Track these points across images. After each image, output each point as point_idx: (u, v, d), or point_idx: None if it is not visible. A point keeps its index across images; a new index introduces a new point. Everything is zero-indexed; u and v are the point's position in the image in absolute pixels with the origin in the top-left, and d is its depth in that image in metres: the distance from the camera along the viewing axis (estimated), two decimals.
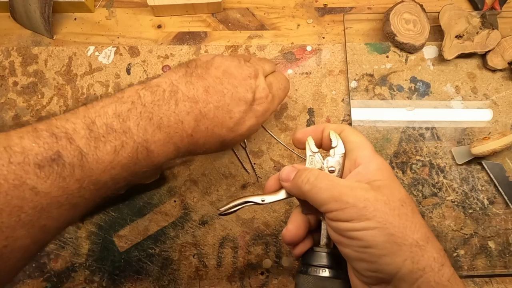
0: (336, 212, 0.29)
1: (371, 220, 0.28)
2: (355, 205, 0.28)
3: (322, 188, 0.30)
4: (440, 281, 0.26)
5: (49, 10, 0.54)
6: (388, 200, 0.29)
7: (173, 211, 0.50)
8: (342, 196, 0.29)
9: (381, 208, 0.28)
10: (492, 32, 0.54)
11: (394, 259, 0.27)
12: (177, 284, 0.48)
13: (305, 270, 0.32)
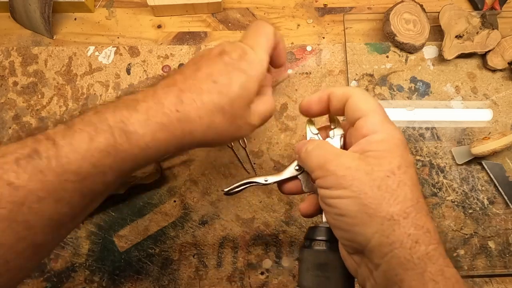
0: (320, 179, 0.30)
1: (347, 189, 0.28)
2: (335, 173, 0.29)
3: (313, 155, 0.32)
4: (410, 259, 0.26)
5: (49, 10, 0.54)
6: (372, 171, 0.28)
7: (173, 211, 0.50)
8: (326, 164, 0.30)
9: (360, 177, 0.28)
10: (492, 32, 0.54)
11: (365, 229, 0.27)
12: (177, 284, 0.48)
13: (307, 245, 0.33)
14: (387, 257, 0.26)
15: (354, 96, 0.32)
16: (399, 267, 0.26)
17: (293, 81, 0.55)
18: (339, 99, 0.33)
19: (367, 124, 0.31)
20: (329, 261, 0.32)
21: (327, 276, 0.31)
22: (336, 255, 0.32)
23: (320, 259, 0.32)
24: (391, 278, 0.26)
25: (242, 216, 0.50)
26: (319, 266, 0.32)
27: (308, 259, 0.33)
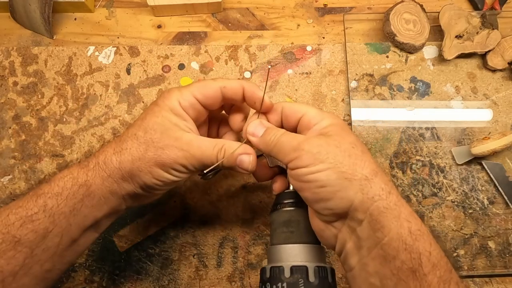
0: (295, 160, 0.33)
1: (324, 162, 0.32)
2: (310, 151, 0.32)
3: (284, 141, 0.35)
4: (388, 206, 0.30)
5: (49, 10, 0.54)
6: (339, 143, 0.33)
7: (173, 211, 0.50)
8: (299, 145, 0.33)
9: (332, 150, 0.32)
10: (492, 32, 0.54)
11: (347, 193, 0.31)
12: (177, 284, 0.48)
13: (275, 208, 0.38)
14: (369, 210, 0.30)
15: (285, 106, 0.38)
16: (380, 215, 0.30)
17: (293, 81, 0.55)
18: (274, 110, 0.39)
19: (310, 117, 0.36)
20: (291, 217, 0.36)
21: (291, 231, 0.36)
22: (297, 212, 0.36)
23: (284, 217, 0.37)
24: (374, 226, 0.30)
25: (242, 216, 0.50)
26: (283, 224, 0.37)
27: (275, 219, 0.38)
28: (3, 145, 0.52)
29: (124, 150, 0.36)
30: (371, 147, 0.52)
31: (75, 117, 0.53)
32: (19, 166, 0.51)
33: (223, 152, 0.37)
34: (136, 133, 0.36)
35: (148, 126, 0.36)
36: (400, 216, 0.30)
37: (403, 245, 0.29)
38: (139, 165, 0.35)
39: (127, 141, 0.36)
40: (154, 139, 0.36)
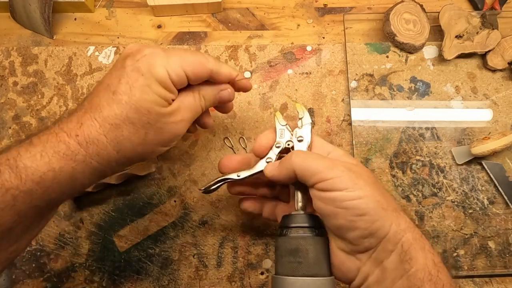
0: (330, 181, 0.31)
1: (363, 189, 0.31)
2: (349, 174, 0.31)
3: (314, 159, 0.33)
4: (416, 238, 0.31)
5: (49, 10, 0.54)
6: (368, 176, 0.33)
7: (173, 211, 0.50)
8: (335, 165, 0.32)
9: (366, 179, 0.32)
10: (492, 32, 0.54)
11: (384, 223, 0.30)
12: (177, 284, 0.48)
13: (285, 233, 0.34)
14: (401, 242, 0.30)
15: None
16: (410, 247, 0.30)
17: (293, 81, 0.55)
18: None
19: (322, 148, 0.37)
20: (300, 245, 0.33)
21: (299, 261, 0.32)
22: (307, 240, 0.33)
23: (292, 245, 0.33)
24: (403, 258, 0.30)
25: (242, 216, 0.50)
26: (290, 252, 0.33)
27: (281, 246, 0.34)
28: (3, 145, 0.52)
29: (122, 139, 0.32)
30: (371, 147, 0.52)
31: None
32: None
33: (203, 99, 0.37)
34: (129, 115, 0.32)
35: (140, 106, 0.32)
36: (425, 248, 0.31)
37: (428, 276, 0.30)
38: (141, 150, 0.33)
39: (121, 126, 0.32)
40: (150, 121, 0.33)
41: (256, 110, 0.54)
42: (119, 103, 0.31)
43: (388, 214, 0.31)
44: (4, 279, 0.47)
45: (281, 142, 0.38)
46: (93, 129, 0.31)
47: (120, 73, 0.32)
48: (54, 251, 0.49)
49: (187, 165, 0.52)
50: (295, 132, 0.38)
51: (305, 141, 0.37)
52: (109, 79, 0.33)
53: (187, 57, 0.34)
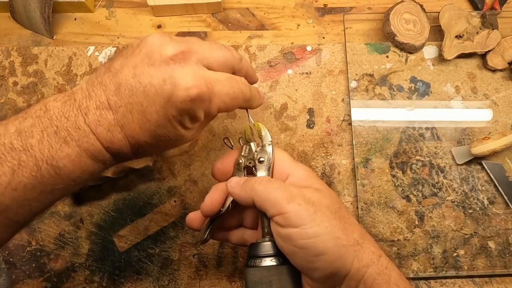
0: (287, 215, 0.29)
1: (320, 225, 0.28)
2: (307, 207, 0.29)
3: (274, 188, 0.30)
4: (380, 271, 0.29)
5: (49, 10, 0.54)
6: (330, 203, 0.30)
7: (173, 211, 0.50)
8: (294, 197, 0.29)
9: (326, 212, 0.29)
10: (492, 32, 0.54)
11: (344, 261, 0.28)
12: (177, 284, 0.48)
13: (250, 264, 0.32)
14: (364, 278, 0.29)
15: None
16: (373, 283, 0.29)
17: (293, 81, 0.55)
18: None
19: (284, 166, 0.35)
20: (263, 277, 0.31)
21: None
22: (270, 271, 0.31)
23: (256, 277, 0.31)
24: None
25: None
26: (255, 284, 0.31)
27: (246, 277, 0.32)
28: None
29: (141, 149, 0.31)
30: (371, 147, 0.52)
31: None
32: None
33: None
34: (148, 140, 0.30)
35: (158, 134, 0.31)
36: (391, 281, 0.29)
37: None
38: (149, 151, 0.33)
39: (144, 145, 0.31)
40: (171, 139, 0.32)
41: (256, 110, 0.54)
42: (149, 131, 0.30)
43: (349, 251, 0.28)
44: (4, 279, 0.47)
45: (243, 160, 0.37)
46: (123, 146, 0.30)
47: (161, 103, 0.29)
48: (54, 251, 0.49)
49: (187, 165, 0.52)
50: (256, 153, 0.37)
51: (266, 162, 0.36)
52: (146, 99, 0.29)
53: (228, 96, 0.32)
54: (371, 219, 0.50)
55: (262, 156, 0.36)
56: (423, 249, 0.49)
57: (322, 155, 0.52)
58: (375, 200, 0.51)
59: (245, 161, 0.37)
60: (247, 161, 0.37)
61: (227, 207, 0.35)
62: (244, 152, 0.37)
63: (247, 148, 0.37)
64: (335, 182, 0.51)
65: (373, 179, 0.51)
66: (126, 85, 0.29)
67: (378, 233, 0.50)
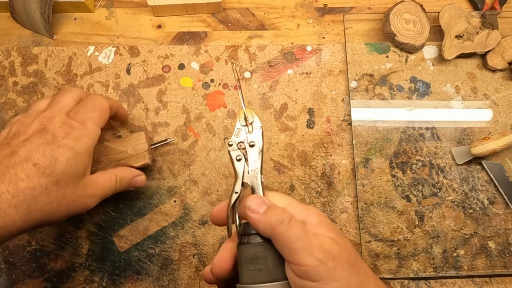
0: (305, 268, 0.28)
1: (339, 282, 0.27)
2: (326, 263, 0.28)
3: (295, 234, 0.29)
4: None
5: (49, 10, 0.54)
6: (348, 256, 0.29)
7: (173, 211, 0.50)
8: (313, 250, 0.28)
9: (345, 266, 0.28)
10: (492, 32, 0.54)
11: None
12: (177, 284, 0.48)
13: (244, 241, 0.33)
14: None
15: (268, 195, 0.33)
16: None
17: (293, 81, 0.55)
18: None
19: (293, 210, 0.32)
20: (258, 253, 0.32)
21: (258, 269, 0.32)
22: (264, 246, 0.32)
23: (250, 253, 0.32)
24: None
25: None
26: (250, 260, 0.32)
27: (241, 255, 0.33)
28: None
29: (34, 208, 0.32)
30: (371, 147, 0.52)
31: None
32: None
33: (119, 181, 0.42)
34: (47, 186, 0.33)
35: (60, 179, 0.34)
36: None
37: None
38: (46, 220, 0.34)
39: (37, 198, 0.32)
40: (66, 193, 0.35)
41: (256, 110, 0.54)
42: (42, 176, 0.32)
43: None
44: (4, 279, 0.47)
45: (234, 142, 0.38)
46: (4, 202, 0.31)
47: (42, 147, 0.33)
48: (54, 251, 0.49)
49: (187, 165, 0.52)
50: (246, 137, 0.37)
51: (257, 145, 0.37)
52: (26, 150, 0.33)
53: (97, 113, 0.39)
54: (371, 219, 0.50)
55: (253, 140, 0.37)
56: (423, 249, 0.49)
57: (322, 155, 0.52)
58: (375, 200, 0.51)
59: (235, 144, 0.38)
60: (238, 144, 0.38)
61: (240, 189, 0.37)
62: (235, 135, 0.38)
63: (239, 131, 0.38)
64: (335, 182, 0.51)
65: (373, 179, 0.51)
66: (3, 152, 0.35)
67: (378, 233, 0.50)
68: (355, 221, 0.50)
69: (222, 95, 0.54)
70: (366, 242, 0.49)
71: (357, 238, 0.50)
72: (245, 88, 0.54)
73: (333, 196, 0.51)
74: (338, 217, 0.50)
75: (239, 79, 0.49)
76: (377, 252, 0.49)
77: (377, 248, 0.49)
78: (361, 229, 0.49)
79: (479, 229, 0.50)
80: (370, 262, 0.49)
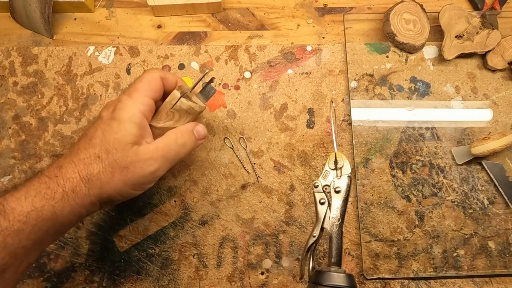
0: None
1: None
2: None
3: None
4: None
5: (49, 10, 0.54)
6: None
7: (173, 211, 0.50)
8: None
9: None
10: (492, 32, 0.54)
11: None
12: (177, 284, 0.48)
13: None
14: None
15: None
16: None
17: (293, 81, 0.55)
18: None
19: None
20: None
21: None
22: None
23: None
24: None
25: (242, 216, 0.50)
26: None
27: None
28: (3, 145, 0.52)
29: (92, 176, 0.35)
30: (371, 147, 0.52)
31: (75, 117, 0.53)
32: (19, 166, 0.51)
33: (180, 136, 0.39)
34: (99, 154, 0.36)
35: (109, 146, 0.36)
36: None
37: None
38: (108, 189, 0.36)
39: (91, 164, 0.35)
40: (117, 159, 0.36)
41: (256, 110, 0.54)
42: (94, 145, 0.36)
43: None
44: None
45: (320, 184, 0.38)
46: (70, 169, 0.35)
47: (97, 123, 0.37)
48: (54, 251, 0.49)
49: (187, 165, 0.52)
50: (333, 181, 0.37)
51: (342, 192, 0.37)
52: (88, 130, 0.37)
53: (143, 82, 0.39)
54: (371, 219, 0.50)
55: (339, 186, 0.37)
56: (423, 249, 0.49)
57: (322, 155, 0.52)
58: (375, 200, 0.51)
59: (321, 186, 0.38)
60: (323, 186, 0.38)
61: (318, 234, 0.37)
62: (322, 177, 0.38)
63: (328, 174, 0.38)
64: None
65: (373, 179, 0.51)
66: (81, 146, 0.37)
67: (378, 233, 0.50)
68: (355, 221, 0.50)
69: (222, 95, 0.54)
70: (366, 242, 0.49)
71: (357, 238, 0.50)
72: (245, 88, 0.54)
73: None
74: None
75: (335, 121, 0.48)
76: (377, 252, 0.49)
77: (377, 248, 0.49)
78: (361, 229, 0.49)
79: (479, 229, 0.50)
80: (370, 262, 0.49)
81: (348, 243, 0.49)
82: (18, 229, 0.32)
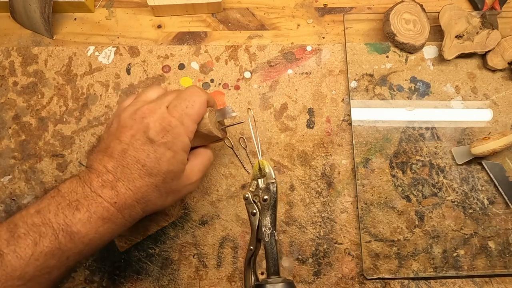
0: None
1: None
2: None
3: None
4: None
5: (49, 10, 0.54)
6: None
7: (173, 211, 0.50)
8: None
9: None
10: (492, 32, 0.54)
11: None
12: (177, 284, 0.48)
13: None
14: None
15: None
16: None
17: (293, 81, 0.55)
18: None
19: None
20: None
21: None
22: None
23: None
24: None
25: (242, 216, 0.50)
26: None
27: None
28: (3, 145, 0.52)
29: (149, 202, 0.37)
30: (371, 147, 0.52)
31: (75, 117, 0.53)
32: (19, 166, 0.51)
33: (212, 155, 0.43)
34: (157, 184, 0.37)
35: (166, 176, 0.37)
36: None
37: None
38: (159, 207, 0.39)
39: (149, 193, 0.37)
40: (173, 188, 0.39)
41: (256, 110, 0.54)
42: (150, 175, 0.36)
43: None
44: None
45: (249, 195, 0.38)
46: (128, 197, 0.36)
47: (146, 147, 0.36)
48: None
49: None
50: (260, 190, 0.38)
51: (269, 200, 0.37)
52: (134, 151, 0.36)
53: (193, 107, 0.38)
54: (371, 219, 0.50)
55: (266, 195, 0.37)
56: (423, 249, 0.49)
57: (322, 155, 0.52)
58: (375, 200, 0.51)
59: (251, 196, 0.38)
60: (253, 196, 0.38)
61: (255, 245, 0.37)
62: (251, 187, 0.39)
63: (255, 184, 0.39)
64: (335, 182, 0.51)
65: (373, 179, 0.51)
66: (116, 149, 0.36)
67: (378, 233, 0.50)
68: (355, 221, 0.50)
69: (222, 95, 0.54)
70: (366, 242, 0.49)
71: (357, 238, 0.50)
72: (245, 88, 0.54)
73: (333, 196, 0.51)
74: (338, 217, 0.50)
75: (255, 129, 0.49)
76: (377, 252, 0.49)
77: (377, 248, 0.49)
78: (361, 229, 0.49)
79: (479, 229, 0.50)
80: (370, 262, 0.49)
81: (348, 243, 0.49)
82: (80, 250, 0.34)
